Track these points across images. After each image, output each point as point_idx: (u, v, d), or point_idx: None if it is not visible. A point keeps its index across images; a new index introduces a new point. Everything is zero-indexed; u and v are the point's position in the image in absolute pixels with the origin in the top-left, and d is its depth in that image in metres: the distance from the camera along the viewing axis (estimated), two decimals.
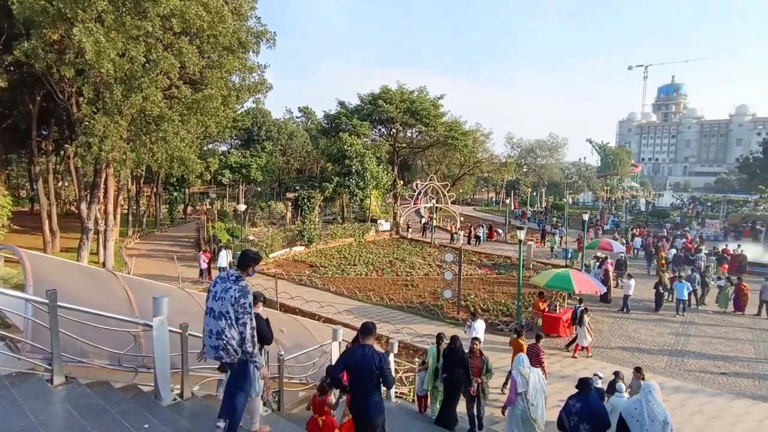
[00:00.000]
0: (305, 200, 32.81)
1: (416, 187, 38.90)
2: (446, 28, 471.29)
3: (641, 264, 26.71)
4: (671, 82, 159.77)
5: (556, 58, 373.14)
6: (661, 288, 18.35)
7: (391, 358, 9.16)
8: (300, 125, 58.50)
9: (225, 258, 21.58)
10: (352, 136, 35.66)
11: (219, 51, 21.29)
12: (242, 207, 28.95)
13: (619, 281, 21.00)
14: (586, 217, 26.21)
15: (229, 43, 21.05)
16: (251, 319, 4.40)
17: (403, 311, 18.27)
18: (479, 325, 11.93)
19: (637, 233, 35.22)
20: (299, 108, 62.99)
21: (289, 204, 38.60)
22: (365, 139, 39.87)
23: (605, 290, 18.21)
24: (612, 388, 7.89)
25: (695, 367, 13.03)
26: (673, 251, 26.66)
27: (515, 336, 11.36)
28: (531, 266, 25.80)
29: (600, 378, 8.45)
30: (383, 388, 5.39)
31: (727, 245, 29.34)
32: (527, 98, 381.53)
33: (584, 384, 6.11)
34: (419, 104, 38.06)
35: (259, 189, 51.58)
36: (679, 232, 37.30)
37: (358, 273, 24.58)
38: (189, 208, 48.46)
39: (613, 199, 66.18)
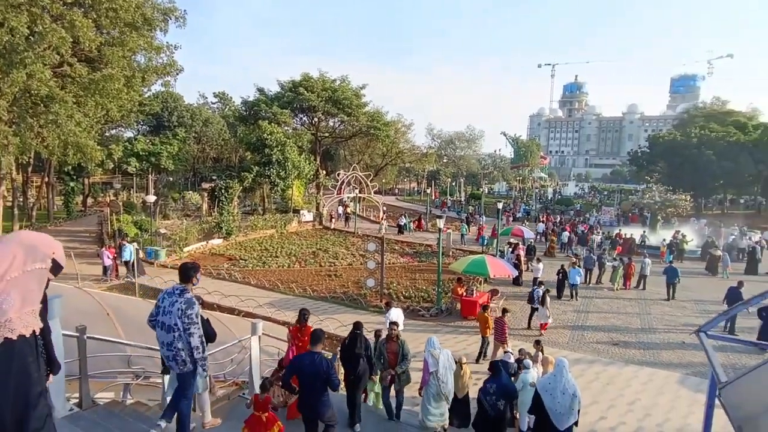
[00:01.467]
0: (223, 191, 31.22)
1: (339, 177, 38.70)
2: (368, 17, 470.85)
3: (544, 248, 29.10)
4: (574, 81, 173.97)
5: (474, 53, 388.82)
6: (561, 276, 19.03)
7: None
8: (216, 112, 55.37)
9: (130, 252, 20.00)
10: (272, 124, 34.46)
11: (120, 27, 19.39)
12: (151, 198, 26.82)
13: (530, 265, 22.58)
14: (500, 205, 27.89)
15: (132, 18, 19.26)
16: (198, 328, 4.78)
17: (326, 302, 18.18)
18: (394, 314, 12.06)
19: (543, 220, 38.16)
20: (215, 93, 59.29)
21: (206, 194, 36.55)
22: (286, 128, 38.76)
23: (517, 274, 19.52)
24: (520, 364, 8.55)
25: (592, 340, 14.44)
26: (566, 235, 29.43)
27: (482, 311, 12.85)
28: (450, 253, 26.86)
29: (511, 354, 9.06)
30: None
31: (620, 230, 32.71)
32: (447, 91, 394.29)
33: (495, 368, 7.01)
34: (341, 93, 37.68)
35: (172, 179, 48.21)
36: (580, 219, 41.07)
37: (280, 265, 24.02)
38: (89, 200, 44.04)
39: (525, 188, 70.86)
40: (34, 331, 2.44)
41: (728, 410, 2.44)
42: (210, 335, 5.52)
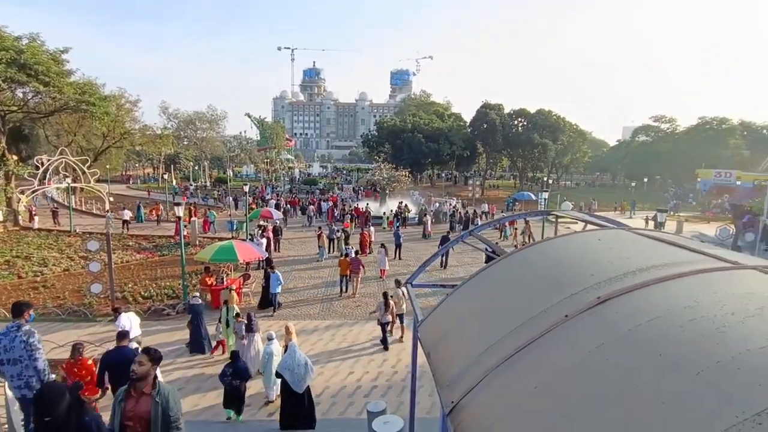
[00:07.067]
0: None
1: (41, 163, 30.74)
2: None
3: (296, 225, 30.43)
4: (313, 67, 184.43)
5: (210, 27, 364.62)
6: (265, 282, 16.04)
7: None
8: None
9: None
10: None
11: None
12: None
13: (280, 245, 23.01)
14: (246, 188, 27.38)
15: None
16: (41, 353, 5.46)
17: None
18: (126, 320, 10.18)
19: (288, 200, 39.82)
20: None
21: None
22: None
23: (266, 255, 19.56)
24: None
25: (339, 307, 15.81)
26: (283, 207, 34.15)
27: (343, 257, 16.82)
28: (198, 242, 24.97)
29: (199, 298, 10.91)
30: None
31: (357, 204, 36.71)
32: (184, 66, 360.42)
33: (235, 356, 8.46)
34: (31, 56, 29.45)
35: None
36: (324, 196, 44.47)
37: None
38: None
39: (272, 170, 71.75)
40: None
41: (422, 342, 2.87)
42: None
